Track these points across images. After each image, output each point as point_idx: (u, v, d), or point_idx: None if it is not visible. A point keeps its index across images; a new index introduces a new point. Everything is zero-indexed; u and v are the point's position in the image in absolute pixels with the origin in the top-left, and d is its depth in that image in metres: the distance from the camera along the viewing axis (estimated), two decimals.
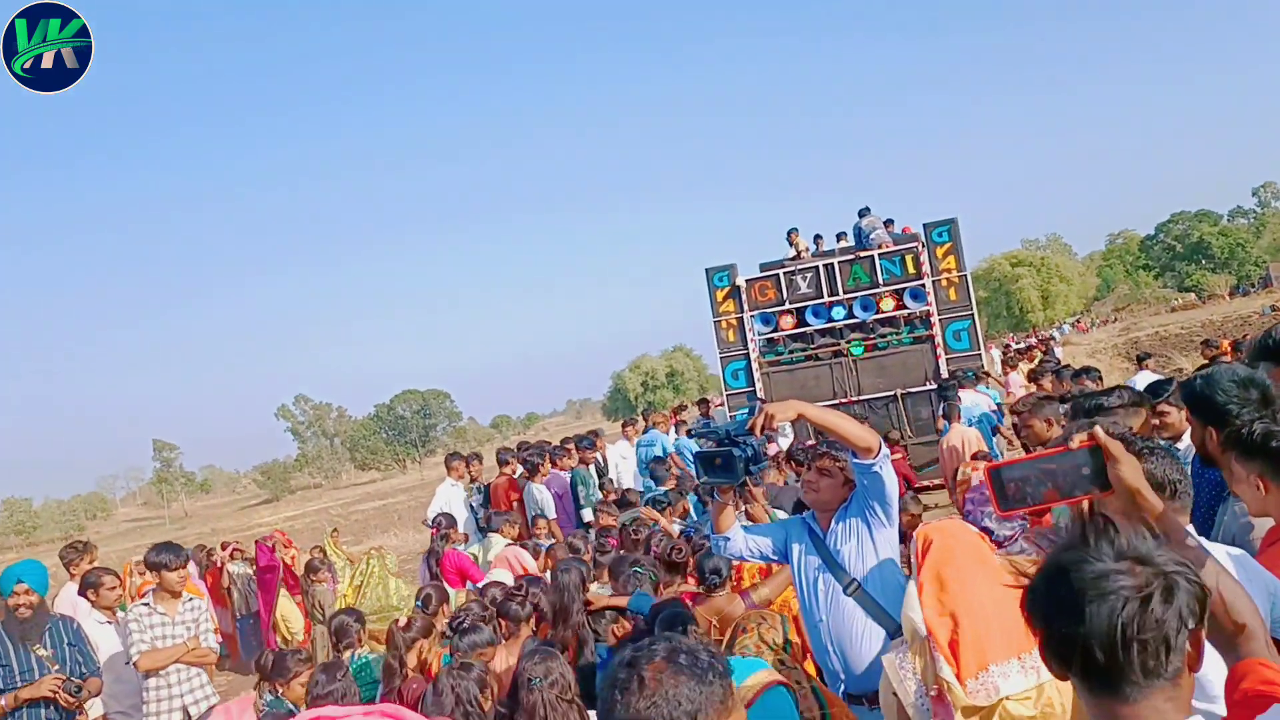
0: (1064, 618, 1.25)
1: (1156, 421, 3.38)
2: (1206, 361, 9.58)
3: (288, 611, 10.50)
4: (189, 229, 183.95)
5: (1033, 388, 10.08)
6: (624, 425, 11.67)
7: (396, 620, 4.38)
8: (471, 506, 8.66)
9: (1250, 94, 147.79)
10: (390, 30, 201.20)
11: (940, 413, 9.57)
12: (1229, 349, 11.60)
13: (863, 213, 12.63)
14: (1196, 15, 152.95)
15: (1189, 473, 2.38)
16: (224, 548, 11.78)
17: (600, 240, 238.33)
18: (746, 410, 2.93)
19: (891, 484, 3.13)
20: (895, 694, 2.40)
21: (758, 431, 2.94)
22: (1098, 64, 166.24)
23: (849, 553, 3.21)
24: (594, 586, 4.39)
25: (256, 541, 11.67)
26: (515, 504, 8.49)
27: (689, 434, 10.50)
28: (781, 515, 4.92)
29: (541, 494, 8.26)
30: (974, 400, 9.71)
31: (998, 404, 10.72)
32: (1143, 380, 12.11)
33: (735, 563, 4.09)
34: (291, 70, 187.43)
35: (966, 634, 2.09)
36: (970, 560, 2.22)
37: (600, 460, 9.71)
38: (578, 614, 4.09)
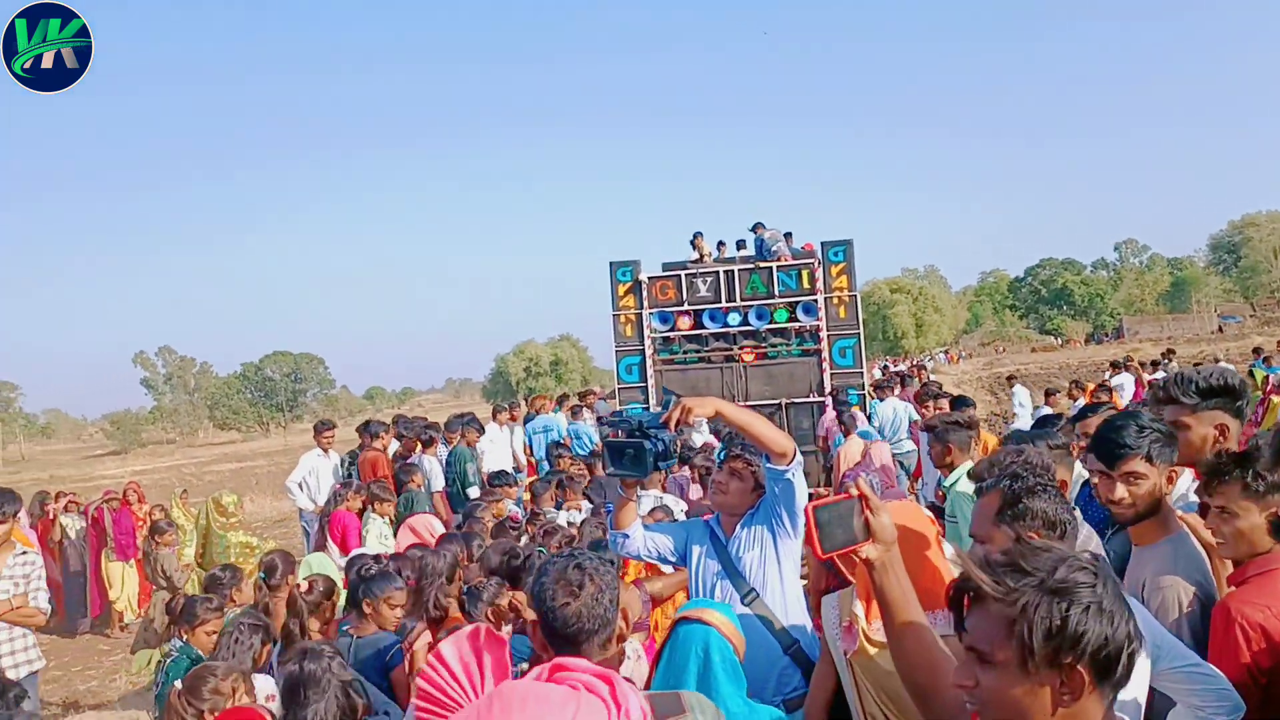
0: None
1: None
2: (1088, 401, 10.11)
3: (115, 574, 9.84)
4: (56, 150, 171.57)
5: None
6: (495, 412, 11.62)
7: (298, 585, 4.15)
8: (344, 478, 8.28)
9: (1124, 152, 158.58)
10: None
11: (841, 421, 9.83)
12: (1090, 393, 12.30)
13: (755, 228, 12.81)
14: (1086, 76, 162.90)
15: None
16: (58, 498, 10.94)
17: (495, 222, 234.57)
18: (661, 403, 2.82)
19: (802, 493, 3.06)
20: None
21: (672, 426, 2.84)
22: (990, 107, 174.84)
23: (751, 561, 3.13)
24: None
25: (105, 492, 10.92)
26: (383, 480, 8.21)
27: (599, 421, 10.44)
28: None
29: (433, 467, 8.06)
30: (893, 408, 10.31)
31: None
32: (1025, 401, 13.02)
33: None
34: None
35: None
36: (909, 531, 2.38)
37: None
38: (435, 599, 3.88)
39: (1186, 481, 2.81)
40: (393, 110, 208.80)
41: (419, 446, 8.55)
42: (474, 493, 8.00)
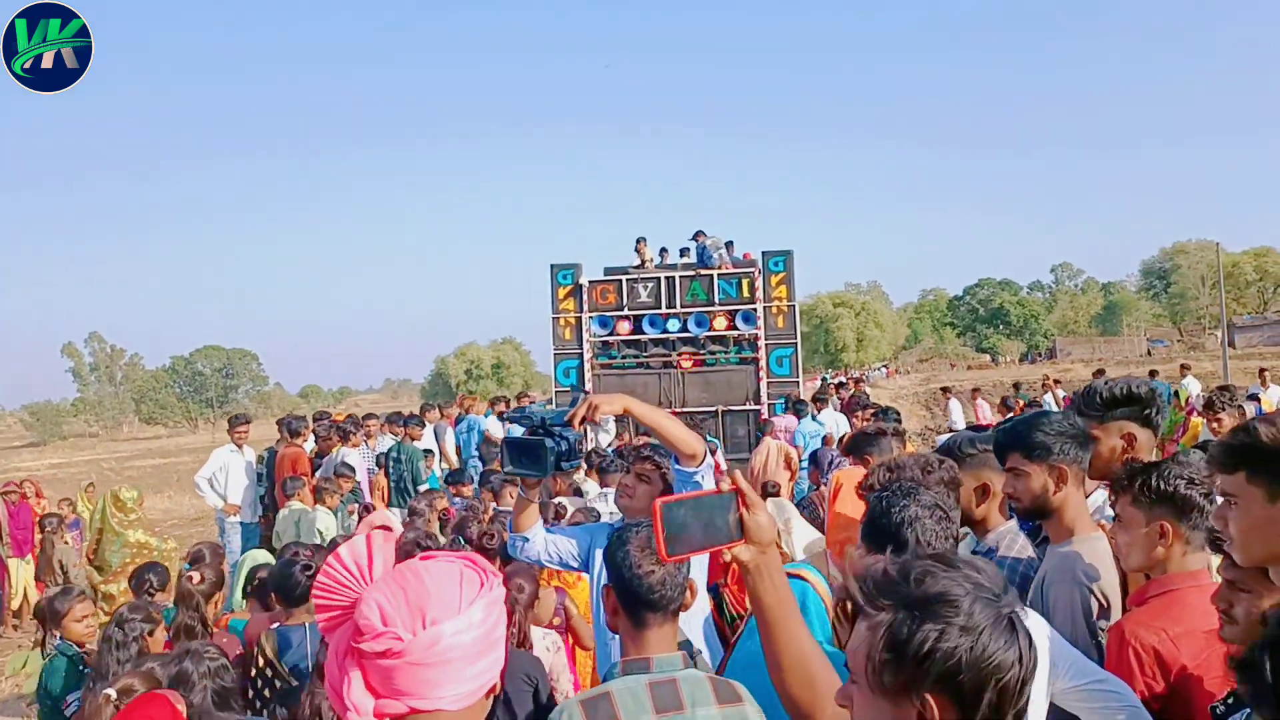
0: None
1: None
2: (1003, 419, 10.24)
3: (10, 571, 9.36)
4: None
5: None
6: (423, 410, 11.72)
7: (188, 575, 4.01)
8: (259, 475, 7.97)
9: (1061, 177, 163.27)
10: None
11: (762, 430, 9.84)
12: (1021, 409, 12.48)
13: (697, 235, 12.80)
14: (1025, 100, 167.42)
15: None
16: None
17: (438, 222, 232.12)
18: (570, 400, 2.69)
19: None
20: None
21: (577, 423, 2.68)
22: (933, 128, 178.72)
23: None
24: None
25: (4, 485, 10.40)
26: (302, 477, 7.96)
27: (500, 417, 10.29)
28: None
29: (358, 463, 7.88)
30: (834, 419, 10.39)
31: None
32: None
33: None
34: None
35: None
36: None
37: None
38: None
39: (1102, 495, 2.77)
40: (335, 106, 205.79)
41: (339, 443, 8.30)
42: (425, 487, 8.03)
